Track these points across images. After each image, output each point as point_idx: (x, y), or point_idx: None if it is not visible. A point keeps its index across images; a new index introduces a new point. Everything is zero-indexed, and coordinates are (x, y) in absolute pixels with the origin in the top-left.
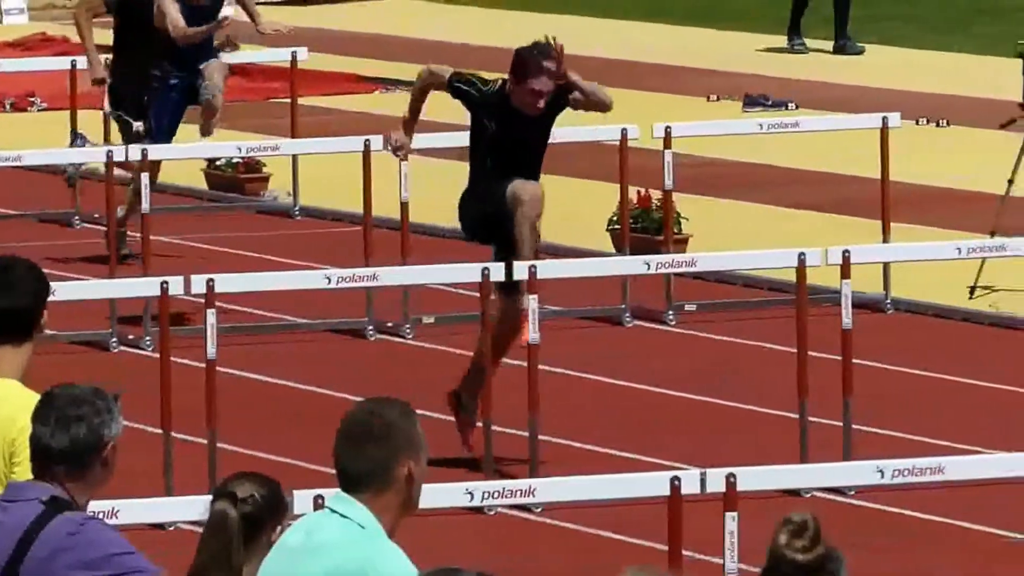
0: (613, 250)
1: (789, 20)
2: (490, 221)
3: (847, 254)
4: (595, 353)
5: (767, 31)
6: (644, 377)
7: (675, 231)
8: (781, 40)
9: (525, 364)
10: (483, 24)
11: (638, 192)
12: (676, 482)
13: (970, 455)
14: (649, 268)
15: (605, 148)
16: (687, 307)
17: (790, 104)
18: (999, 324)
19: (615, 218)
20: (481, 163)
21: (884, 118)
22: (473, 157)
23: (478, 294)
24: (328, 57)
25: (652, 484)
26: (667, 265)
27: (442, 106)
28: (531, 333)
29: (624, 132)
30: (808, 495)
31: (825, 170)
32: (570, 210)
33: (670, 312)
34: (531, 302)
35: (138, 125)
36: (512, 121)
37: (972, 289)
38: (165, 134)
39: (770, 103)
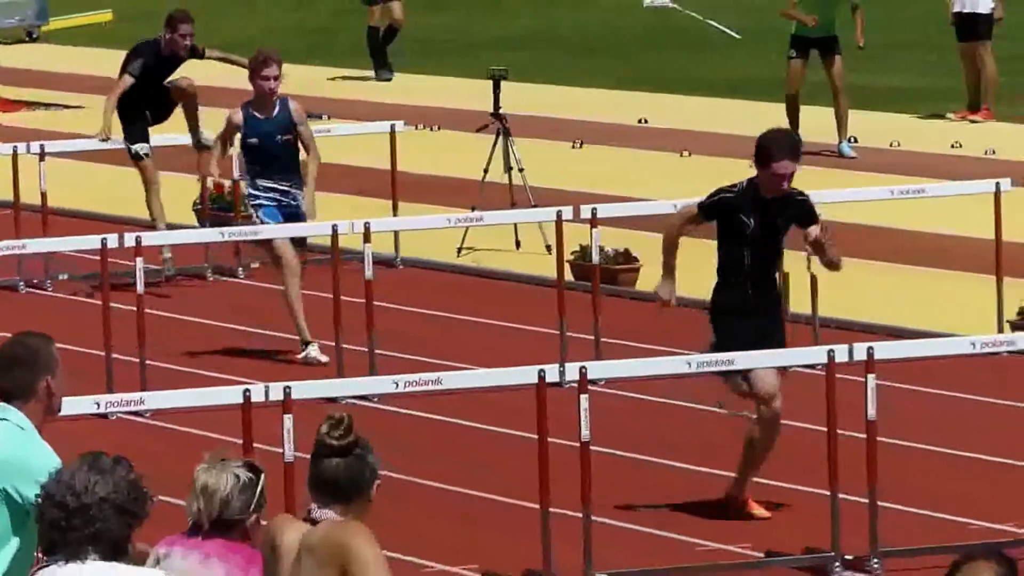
0: (197, 224)
1: (380, 50)
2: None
3: (368, 225)
4: (186, 300)
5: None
6: (222, 317)
7: (243, 210)
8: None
9: (135, 309)
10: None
11: (216, 183)
12: (247, 393)
13: (464, 371)
14: (223, 236)
15: (187, 151)
16: (253, 265)
17: (323, 116)
18: (481, 275)
19: (198, 201)
20: (737, 262)
21: (392, 125)
22: (727, 259)
23: (99, 258)
24: None
25: (229, 395)
26: (236, 235)
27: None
28: (139, 286)
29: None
30: (344, 402)
31: (351, 164)
32: (167, 196)
33: (240, 268)
34: (138, 264)
35: (136, 147)
36: (767, 214)
37: (459, 250)
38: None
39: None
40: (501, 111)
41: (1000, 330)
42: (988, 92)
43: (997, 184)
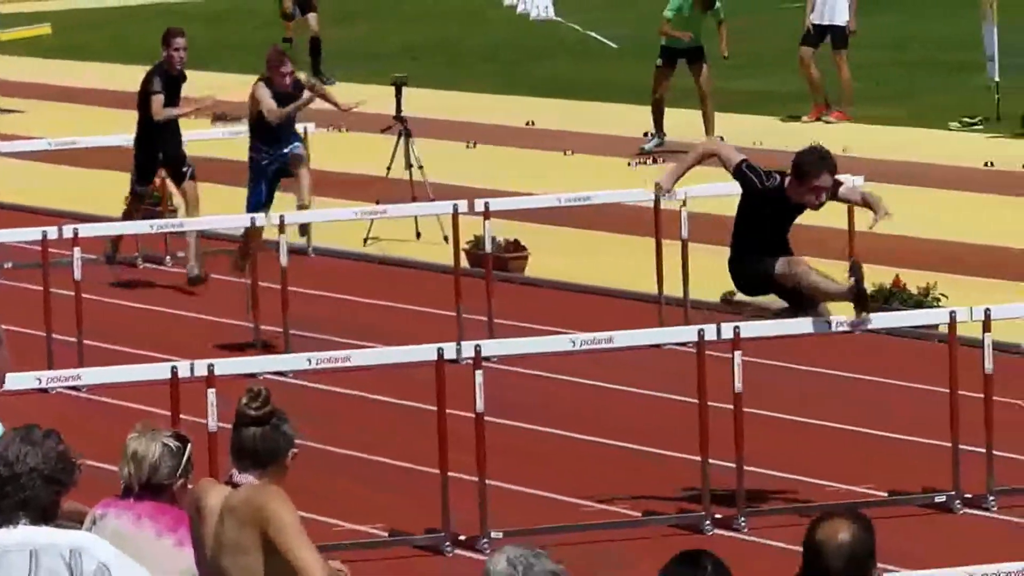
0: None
1: (311, 65)
2: (762, 284)
3: (283, 217)
4: (118, 285)
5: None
6: (152, 300)
7: (168, 205)
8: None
9: (72, 294)
10: None
11: None
12: (174, 369)
13: (371, 349)
14: (152, 229)
15: (119, 152)
16: (179, 254)
17: (241, 119)
18: (385, 263)
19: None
20: (752, 236)
21: (304, 127)
22: (745, 228)
23: (40, 248)
24: None
25: (158, 371)
26: (164, 227)
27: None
28: (77, 273)
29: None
30: (262, 377)
31: None
32: (98, 195)
33: (168, 257)
34: (76, 253)
35: (141, 189)
36: (784, 210)
37: (366, 240)
38: (254, 207)
39: (230, 117)
40: (403, 114)
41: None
42: (844, 96)
43: (851, 180)
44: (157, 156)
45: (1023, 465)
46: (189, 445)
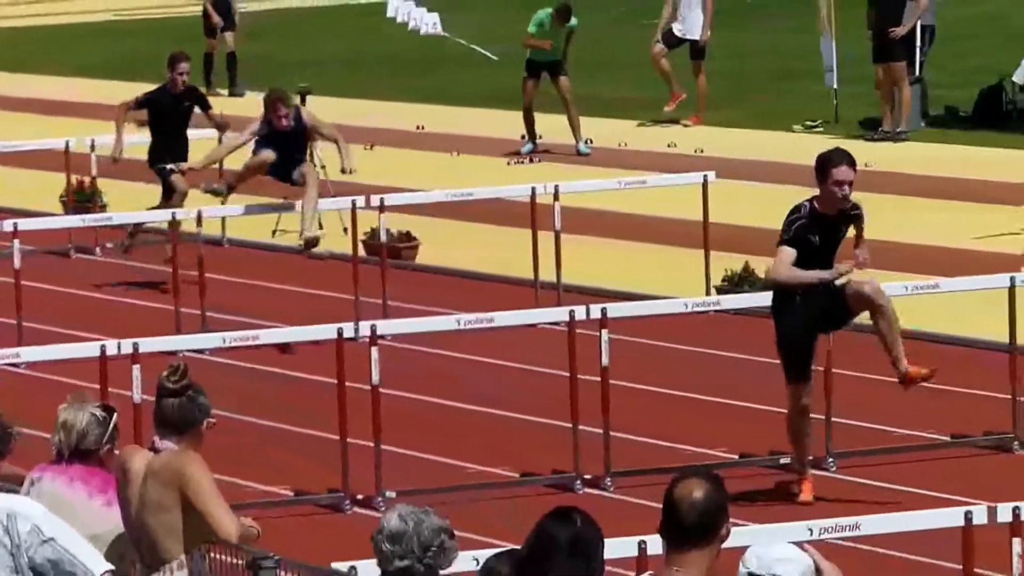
0: (63, 212)
1: (228, 78)
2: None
3: (200, 212)
4: (53, 274)
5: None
6: (83, 287)
7: (100, 202)
8: None
9: (12, 281)
10: None
11: (78, 180)
12: (103, 348)
13: (277, 328)
14: (84, 222)
15: (55, 154)
16: (108, 245)
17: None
18: (291, 252)
19: (64, 194)
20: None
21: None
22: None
23: None
24: None
25: (88, 349)
26: (94, 220)
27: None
28: (16, 262)
29: (67, 144)
30: (181, 354)
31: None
32: (35, 193)
33: (97, 248)
34: (15, 245)
35: (172, 165)
36: (828, 229)
37: (274, 231)
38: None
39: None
40: None
41: (708, 293)
42: (700, 102)
43: (705, 176)
44: (167, 171)
45: (857, 430)
46: (115, 415)
